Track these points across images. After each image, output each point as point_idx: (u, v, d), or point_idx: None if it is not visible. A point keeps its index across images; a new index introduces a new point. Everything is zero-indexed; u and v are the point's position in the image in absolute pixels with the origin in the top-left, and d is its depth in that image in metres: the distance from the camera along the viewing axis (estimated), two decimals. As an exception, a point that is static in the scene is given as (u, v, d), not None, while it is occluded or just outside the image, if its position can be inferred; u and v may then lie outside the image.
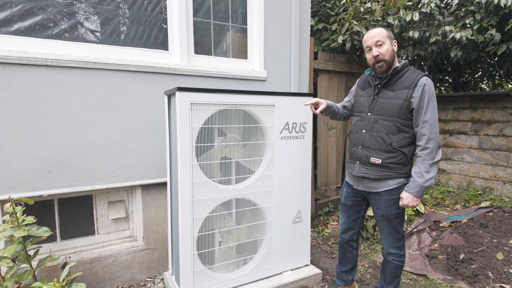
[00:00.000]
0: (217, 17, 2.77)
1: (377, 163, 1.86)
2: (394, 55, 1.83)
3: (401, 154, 1.83)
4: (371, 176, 1.89)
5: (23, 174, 2.04)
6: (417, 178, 1.76)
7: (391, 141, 1.82)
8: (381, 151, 1.85)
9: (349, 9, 3.82)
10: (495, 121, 4.02)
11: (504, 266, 2.58)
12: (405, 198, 1.80)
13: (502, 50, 3.34)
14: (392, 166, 1.84)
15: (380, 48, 1.79)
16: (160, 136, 2.47)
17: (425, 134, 1.74)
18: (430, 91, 1.75)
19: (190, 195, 1.97)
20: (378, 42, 1.79)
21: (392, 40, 1.83)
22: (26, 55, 1.98)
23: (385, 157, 1.84)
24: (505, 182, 3.95)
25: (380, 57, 1.79)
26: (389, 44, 1.80)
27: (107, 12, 2.32)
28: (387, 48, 1.79)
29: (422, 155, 1.76)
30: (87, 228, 2.42)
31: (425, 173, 1.74)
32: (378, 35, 1.79)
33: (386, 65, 1.81)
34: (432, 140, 1.73)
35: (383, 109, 1.84)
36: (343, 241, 2.21)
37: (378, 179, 1.88)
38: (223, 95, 2.02)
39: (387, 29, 1.83)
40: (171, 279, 2.31)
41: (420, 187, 1.75)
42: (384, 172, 1.86)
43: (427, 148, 1.74)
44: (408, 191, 1.78)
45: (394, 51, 1.84)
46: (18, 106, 2.00)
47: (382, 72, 1.84)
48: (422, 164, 1.75)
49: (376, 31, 1.81)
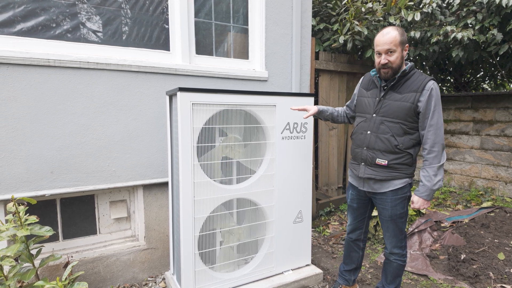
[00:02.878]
0: (219, 17, 2.78)
1: (383, 164, 1.86)
2: (402, 62, 1.81)
3: (407, 155, 1.84)
4: (377, 177, 1.89)
5: (26, 174, 2.05)
6: (426, 182, 1.78)
7: (397, 143, 1.82)
8: (387, 152, 1.85)
9: (351, 9, 3.82)
10: (497, 121, 4.01)
11: (506, 266, 2.57)
12: (416, 202, 1.83)
13: (504, 50, 3.34)
14: (398, 167, 1.85)
15: (390, 56, 1.76)
16: (161, 136, 2.48)
17: (431, 138, 1.76)
18: (437, 96, 1.76)
19: (192, 195, 1.98)
20: (389, 50, 1.75)
21: (404, 45, 1.78)
22: (28, 55, 1.99)
23: (391, 158, 1.84)
24: (507, 182, 3.94)
25: (388, 65, 1.78)
26: (399, 52, 1.76)
27: (109, 13, 2.33)
28: (396, 56, 1.76)
29: (429, 158, 1.78)
30: (89, 228, 2.43)
31: (434, 176, 1.77)
32: (391, 42, 1.73)
33: (392, 72, 1.80)
34: (437, 144, 1.75)
35: (390, 111, 1.84)
36: (350, 240, 2.22)
37: (384, 179, 1.88)
38: (224, 95, 2.03)
39: (401, 32, 1.76)
40: (173, 279, 2.32)
41: (430, 191, 1.78)
42: (390, 173, 1.86)
43: (433, 152, 1.76)
44: (419, 195, 1.81)
45: (404, 57, 1.81)
46: (21, 106, 2.01)
47: (386, 77, 1.83)
48: (430, 168, 1.77)
49: (389, 37, 1.74)
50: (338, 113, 2.21)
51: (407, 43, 1.81)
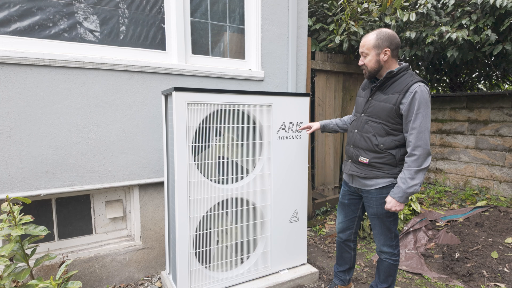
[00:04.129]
0: (215, 17, 2.78)
1: (364, 162, 1.91)
2: (379, 65, 1.82)
3: (389, 155, 1.85)
4: (360, 175, 1.94)
5: (21, 174, 2.05)
6: (401, 183, 1.77)
7: (378, 142, 1.85)
8: (369, 151, 1.89)
9: (346, 9, 3.83)
10: (492, 121, 4.04)
11: (499, 265, 2.60)
12: (388, 202, 1.83)
13: (498, 50, 3.37)
14: (379, 166, 1.87)
15: (364, 58, 1.87)
16: (157, 136, 2.49)
17: (412, 141, 1.75)
18: (422, 98, 1.71)
19: (187, 194, 1.98)
20: (362, 53, 1.87)
21: (381, 49, 1.78)
22: (23, 55, 1.99)
23: (372, 156, 1.88)
24: (501, 181, 3.97)
25: (363, 66, 1.89)
26: (373, 55, 1.81)
27: (105, 12, 2.33)
28: (369, 59, 1.83)
29: (408, 161, 1.77)
30: (85, 228, 2.43)
31: (410, 180, 1.74)
32: (363, 46, 1.84)
33: (368, 73, 1.88)
34: (419, 148, 1.73)
35: (374, 111, 1.88)
36: (341, 241, 2.24)
37: (366, 177, 1.93)
38: (220, 95, 2.04)
39: (380, 37, 1.77)
40: (168, 278, 2.32)
41: (403, 193, 1.76)
42: (372, 171, 1.90)
43: (414, 155, 1.75)
44: (392, 196, 1.81)
45: (382, 60, 1.80)
46: (16, 106, 2.01)
47: (367, 77, 1.92)
48: (407, 170, 1.76)
49: (364, 41, 1.84)
50: (344, 122, 2.27)
51: (387, 47, 1.78)
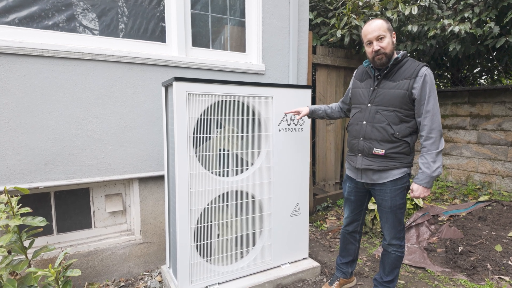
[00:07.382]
0: (215, 9, 2.75)
1: (380, 153, 1.85)
2: (393, 48, 1.83)
3: (404, 143, 1.82)
4: (375, 168, 1.88)
5: (19, 166, 2.02)
6: (425, 169, 1.76)
7: (394, 131, 1.81)
8: (384, 142, 1.84)
9: (348, 3, 3.80)
10: (494, 115, 4.01)
11: (503, 258, 2.57)
12: (415, 190, 1.81)
13: (501, 43, 3.33)
14: (395, 156, 1.84)
15: (381, 42, 1.79)
16: (157, 129, 2.46)
17: (427, 124, 1.75)
18: (431, 81, 1.76)
19: (188, 186, 1.96)
20: (379, 37, 1.79)
21: (392, 32, 1.83)
22: (22, 45, 1.96)
23: (388, 147, 1.83)
24: (504, 176, 3.95)
25: (381, 51, 1.80)
26: (389, 37, 1.80)
27: (105, 4, 2.30)
28: (387, 41, 1.79)
29: (427, 145, 1.76)
30: (84, 221, 2.41)
31: (432, 163, 1.75)
32: (379, 29, 1.78)
33: (386, 58, 1.81)
34: (434, 130, 1.74)
35: (385, 99, 1.83)
36: (347, 232, 2.21)
37: (382, 170, 1.87)
38: (221, 86, 2.01)
39: (386, 21, 1.82)
40: (169, 272, 2.30)
41: (429, 178, 1.76)
42: (388, 163, 1.85)
43: (431, 138, 1.75)
44: (418, 183, 1.80)
45: (394, 43, 1.84)
46: (14, 97, 1.98)
47: (382, 64, 1.84)
48: (428, 154, 1.76)
49: (376, 24, 1.79)
50: (332, 109, 2.25)
51: (393, 30, 1.85)
